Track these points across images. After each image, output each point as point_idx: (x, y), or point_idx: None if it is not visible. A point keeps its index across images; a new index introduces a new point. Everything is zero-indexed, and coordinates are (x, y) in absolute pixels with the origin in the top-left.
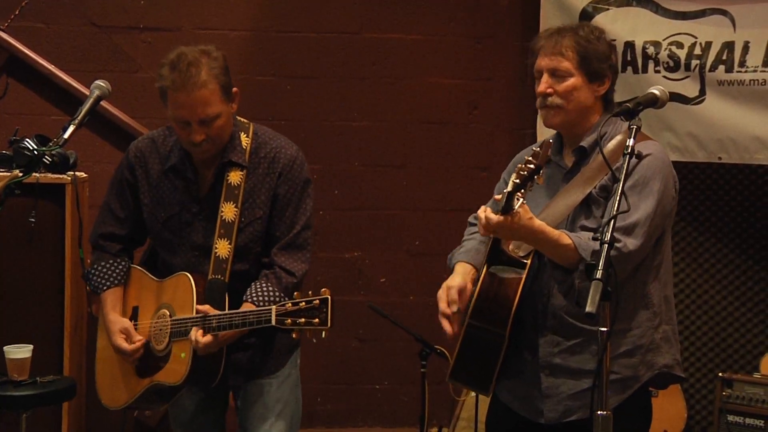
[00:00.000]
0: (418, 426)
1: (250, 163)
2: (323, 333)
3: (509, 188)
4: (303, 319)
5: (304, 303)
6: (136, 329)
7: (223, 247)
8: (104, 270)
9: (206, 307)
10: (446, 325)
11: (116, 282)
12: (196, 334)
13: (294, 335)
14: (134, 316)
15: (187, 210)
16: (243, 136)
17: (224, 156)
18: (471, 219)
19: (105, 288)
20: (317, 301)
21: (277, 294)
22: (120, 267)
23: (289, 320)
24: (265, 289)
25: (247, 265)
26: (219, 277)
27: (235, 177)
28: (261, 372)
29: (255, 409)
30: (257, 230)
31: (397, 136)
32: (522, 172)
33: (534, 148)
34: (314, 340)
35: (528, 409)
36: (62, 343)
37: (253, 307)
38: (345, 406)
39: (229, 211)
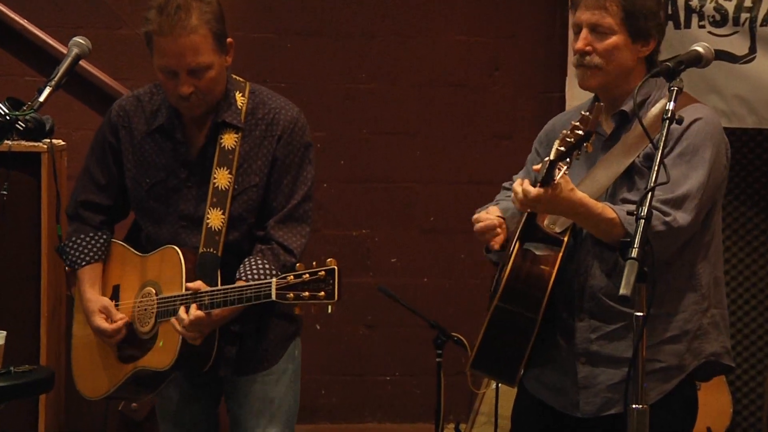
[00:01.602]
0: (432, 421)
1: (245, 124)
2: (329, 307)
3: (552, 156)
4: (307, 293)
5: (307, 275)
6: (117, 310)
7: (215, 218)
8: (83, 244)
9: (198, 284)
10: (484, 216)
11: (96, 257)
12: (182, 311)
13: (297, 310)
14: (115, 296)
15: (174, 176)
16: (238, 95)
17: (217, 116)
18: (507, 184)
19: (83, 264)
20: (322, 273)
21: (274, 272)
22: (101, 241)
23: (292, 294)
24: (261, 265)
25: (239, 236)
26: (211, 250)
27: (229, 140)
28: (254, 367)
29: (248, 407)
30: (252, 199)
31: (410, 100)
32: (568, 139)
33: (583, 112)
34: (317, 326)
35: (561, 401)
36: (38, 330)
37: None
38: (351, 400)
39: (222, 177)
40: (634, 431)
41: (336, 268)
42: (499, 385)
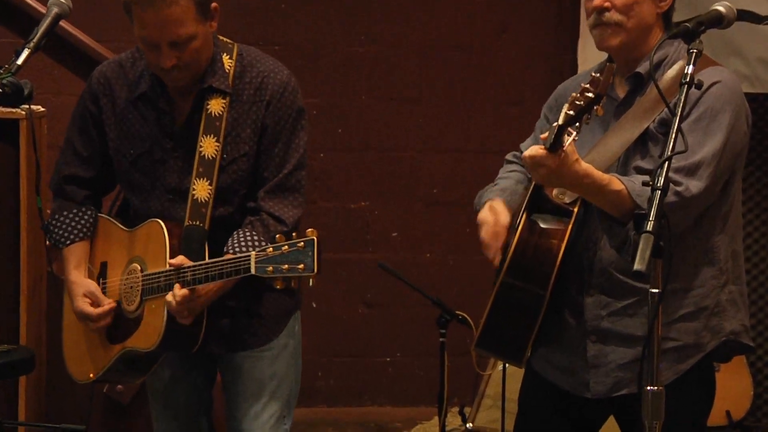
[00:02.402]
0: (435, 405)
1: (233, 89)
2: (310, 280)
3: (560, 120)
4: (286, 266)
5: (287, 246)
6: (105, 288)
7: (202, 189)
8: (67, 221)
9: (180, 259)
10: (492, 237)
11: (81, 235)
12: (174, 291)
13: (277, 285)
14: (103, 274)
15: (159, 146)
16: (225, 58)
17: (204, 81)
18: (509, 156)
19: (68, 242)
20: (302, 244)
21: (263, 244)
22: (86, 218)
23: (271, 267)
24: (249, 238)
25: (231, 209)
26: (197, 223)
27: (216, 106)
28: (249, 342)
29: (244, 386)
30: (242, 169)
31: (412, 64)
32: (577, 102)
33: (593, 73)
34: (314, 304)
35: (571, 381)
36: (18, 308)
37: None
38: (350, 383)
39: (209, 146)
40: (649, 413)
41: (315, 239)
42: (506, 365)
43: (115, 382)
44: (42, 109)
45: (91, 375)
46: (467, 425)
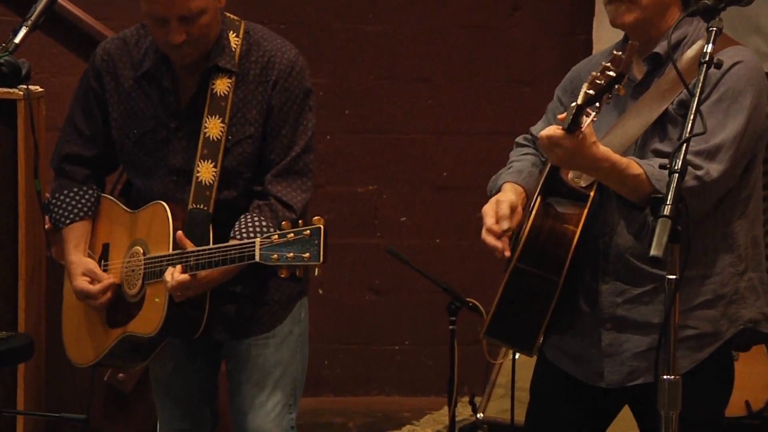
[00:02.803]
0: (445, 394)
1: (239, 68)
2: (315, 270)
3: (579, 100)
4: (291, 254)
5: (292, 234)
6: (106, 271)
7: (206, 171)
8: (67, 200)
9: (184, 240)
10: (493, 241)
11: (81, 215)
12: (172, 272)
13: (282, 273)
14: (105, 256)
15: (163, 126)
16: (232, 35)
17: (210, 60)
18: (520, 139)
19: (68, 222)
20: (308, 232)
21: (271, 230)
22: (87, 197)
23: (276, 255)
24: (257, 222)
25: (235, 192)
26: (201, 206)
27: (221, 85)
28: (254, 329)
29: (247, 375)
30: (247, 151)
31: (421, 43)
32: (598, 81)
33: (615, 52)
34: (320, 291)
35: (584, 370)
36: (16, 294)
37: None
38: (357, 371)
39: (214, 127)
40: (665, 403)
41: (322, 227)
42: (517, 354)
43: (115, 368)
44: (40, 90)
45: (91, 359)
46: (478, 415)
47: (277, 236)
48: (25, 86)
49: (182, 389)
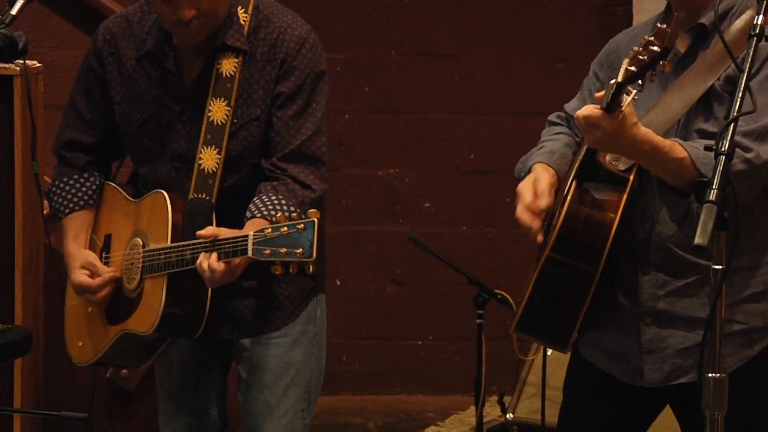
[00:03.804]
0: (472, 393)
1: (248, 46)
2: (309, 267)
3: (620, 77)
4: (284, 249)
5: (286, 228)
6: (107, 263)
7: (209, 158)
8: (67, 188)
9: (211, 230)
10: (529, 219)
11: (82, 203)
12: (209, 260)
13: (276, 270)
14: (107, 247)
15: (166, 109)
16: (240, 11)
17: (217, 38)
18: (553, 117)
19: (67, 211)
20: (301, 226)
21: (293, 210)
22: (88, 184)
23: (269, 251)
24: (276, 202)
25: (239, 179)
26: (203, 196)
27: (228, 65)
28: (263, 328)
29: (258, 376)
30: (253, 135)
31: (447, 16)
32: (640, 57)
33: (659, 24)
34: (337, 282)
35: (622, 368)
36: (12, 284)
37: (266, 223)
38: (377, 368)
39: (218, 110)
40: (710, 403)
41: (316, 221)
42: (550, 350)
43: (117, 366)
44: (38, 65)
45: (90, 358)
46: (507, 416)
47: (270, 230)
48: (22, 61)
49: (189, 389)
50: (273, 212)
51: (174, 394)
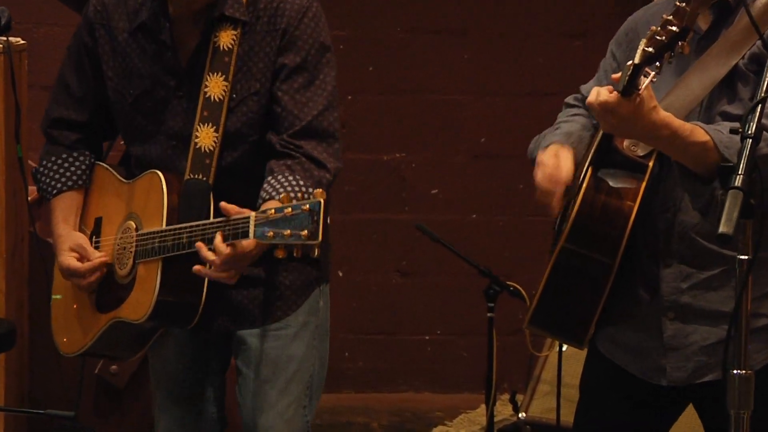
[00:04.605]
0: (482, 391)
1: (247, 16)
2: (314, 250)
3: (637, 59)
4: (288, 231)
5: (290, 209)
6: (98, 248)
7: (206, 136)
8: (54, 168)
9: (232, 207)
10: (550, 185)
11: (70, 183)
12: (215, 241)
13: (279, 254)
14: (97, 231)
15: (161, 85)
16: None
17: (215, 8)
18: (570, 99)
19: (54, 192)
20: (306, 207)
21: (310, 190)
22: (77, 164)
23: (271, 233)
24: (294, 183)
25: (238, 156)
26: (199, 176)
27: (226, 38)
28: (263, 318)
29: (257, 370)
30: (252, 110)
31: None
32: (658, 37)
33: (678, 2)
34: (339, 273)
35: (642, 365)
36: None
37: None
38: (382, 364)
39: (216, 85)
40: (735, 402)
41: (322, 201)
42: (565, 346)
43: (107, 358)
44: (22, 42)
45: (78, 347)
46: (520, 415)
47: (273, 211)
48: (4, 38)
49: (185, 385)
50: (293, 194)
51: (169, 386)
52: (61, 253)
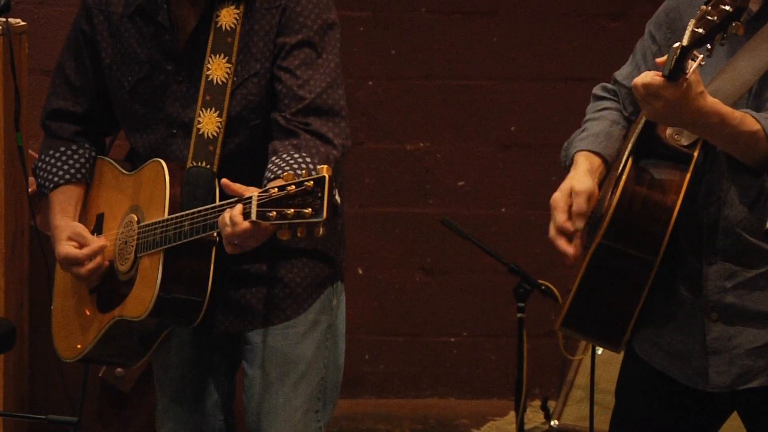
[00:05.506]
0: (511, 397)
1: None
2: (320, 229)
3: (685, 40)
4: (291, 210)
5: (293, 186)
6: None
7: (209, 122)
8: (53, 161)
9: (227, 185)
10: (564, 245)
11: (68, 177)
12: (231, 213)
13: (283, 235)
14: (98, 228)
15: (160, 69)
16: None
17: None
18: (598, 90)
19: (52, 186)
20: (310, 183)
21: (318, 167)
22: (76, 156)
23: (274, 212)
24: (300, 160)
25: (240, 142)
26: (203, 164)
27: (227, 17)
28: (270, 318)
29: (263, 371)
30: (252, 92)
31: None
32: (709, 18)
33: None
34: (359, 270)
35: (683, 370)
36: None
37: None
38: (404, 368)
39: (218, 67)
40: None
41: (327, 176)
42: (600, 349)
43: (110, 364)
44: (22, 24)
45: (78, 352)
46: (552, 423)
47: (276, 189)
48: (3, 19)
49: (188, 387)
50: (298, 171)
51: (172, 390)
52: (59, 243)
